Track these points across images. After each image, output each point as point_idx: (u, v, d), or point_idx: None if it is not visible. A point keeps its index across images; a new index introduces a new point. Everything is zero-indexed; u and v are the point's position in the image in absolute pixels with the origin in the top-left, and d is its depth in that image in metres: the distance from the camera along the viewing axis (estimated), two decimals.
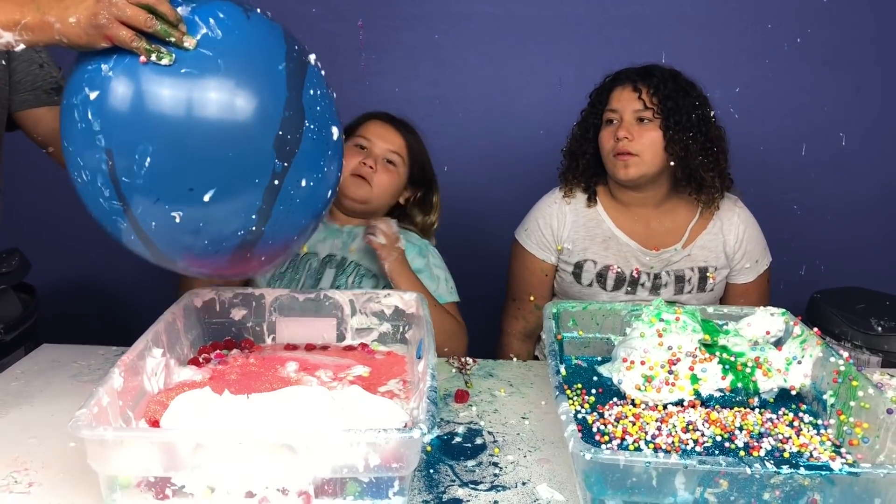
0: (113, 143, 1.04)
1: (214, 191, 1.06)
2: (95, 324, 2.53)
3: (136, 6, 1.03)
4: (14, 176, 1.61)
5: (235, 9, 1.11)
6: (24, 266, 2.27)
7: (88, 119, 1.05)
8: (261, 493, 0.99)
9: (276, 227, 1.15)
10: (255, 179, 1.08)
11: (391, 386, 1.35)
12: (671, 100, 1.81)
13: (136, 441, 0.97)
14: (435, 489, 1.13)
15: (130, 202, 1.07)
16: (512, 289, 2.04)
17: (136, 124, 1.03)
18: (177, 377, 1.31)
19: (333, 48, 2.56)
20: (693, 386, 1.28)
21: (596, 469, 0.95)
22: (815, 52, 2.54)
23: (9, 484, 1.11)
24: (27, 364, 1.55)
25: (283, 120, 1.08)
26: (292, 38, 1.17)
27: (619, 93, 1.87)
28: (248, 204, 1.10)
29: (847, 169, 2.62)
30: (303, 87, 1.12)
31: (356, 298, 1.54)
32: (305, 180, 1.14)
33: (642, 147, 1.81)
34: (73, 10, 1.03)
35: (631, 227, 1.93)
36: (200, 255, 1.14)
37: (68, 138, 1.09)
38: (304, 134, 1.12)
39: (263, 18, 1.14)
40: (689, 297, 1.90)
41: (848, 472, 0.92)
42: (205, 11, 1.08)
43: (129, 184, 1.05)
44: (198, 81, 1.04)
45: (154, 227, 1.09)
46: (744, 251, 1.94)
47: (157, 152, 1.03)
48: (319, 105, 1.15)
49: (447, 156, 2.62)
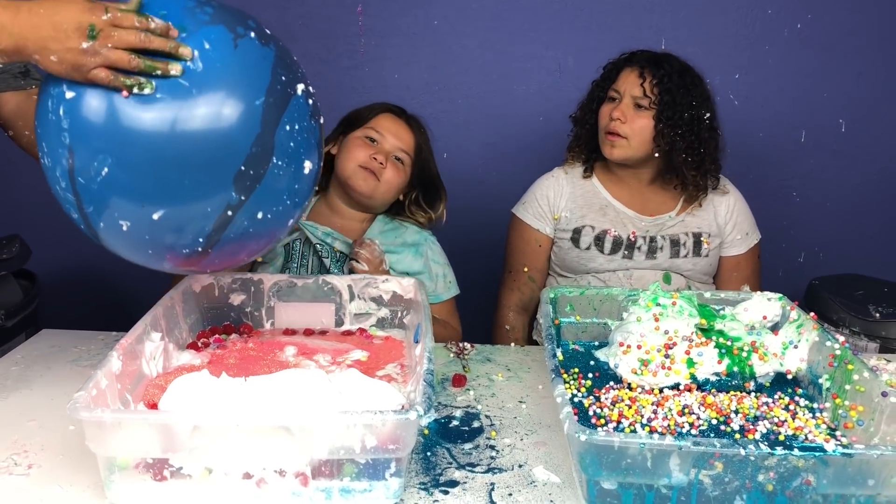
0: (76, 144, 1.05)
1: (164, 212, 1.07)
2: (96, 310, 2.53)
3: (121, 50, 1.02)
4: (14, 163, 1.61)
5: (226, 36, 1.08)
6: (24, 252, 2.27)
7: (59, 115, 1.06)
8: (258, 475, 1.00)
9: (223, 251, 1.15)
10: (208, 209, 1.08)
11: (389, 370, 1.36)
12: (670, 94, 1.84)
13: (133, 423, 0.98)
14: (432, 471, 1.14)
15: (83, 201, 1.08)
16: (508, 261, 2.08)
17: (100, 134, 1.04)
18: (175, 361, 1.32)
19: (333, 34, 2.55)
20: (689, 370, 1.28)
21: (591, 451, 0.96)
22: (815, 37, 2.53)
23: (8, 466, 1.12)
24: (27, 349, 1.56)
25: (249, 156, 1.07)
26: (283, 66, 1.13)
27: (626, 74, 1.91)
28: (196, 228, 1.10)
29: (847, 155, 2.62)
30: (278, 123, 1.10)
31: (354, 284, 1.55)
32: (263, 213, 1.13)
33: (632, 131, 1.87)
34: (55, 51, 1.01)
35: (627, 198, 1.98)
36: (143, 259, 1.15)
37: (39, 120, 1.10)
38: (269, 170, 1.10)
39: (255, 45, 1.11)
40: (685, 262, 1.94)
41: (841, 453, 0.93)
42: (192, 40, 1.06)
43: (85, 185, 1.06)
44: (167, 109, 1.03)
45: (102, 227, 1.10)
46: (734, 223, 1.99)
47: (115, 165, 1.04)
48: (294, 140, 1.12)
49: (446, 142, 2.63)
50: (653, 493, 0.98)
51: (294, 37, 2.55)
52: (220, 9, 1.12)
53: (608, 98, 1.93)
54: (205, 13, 1.09)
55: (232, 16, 1.12)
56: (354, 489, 1.02)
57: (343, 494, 1.02)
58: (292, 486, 1.01)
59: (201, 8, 1.10)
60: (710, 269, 1.99)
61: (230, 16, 1.12)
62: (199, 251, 1.13)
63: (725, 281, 2.02)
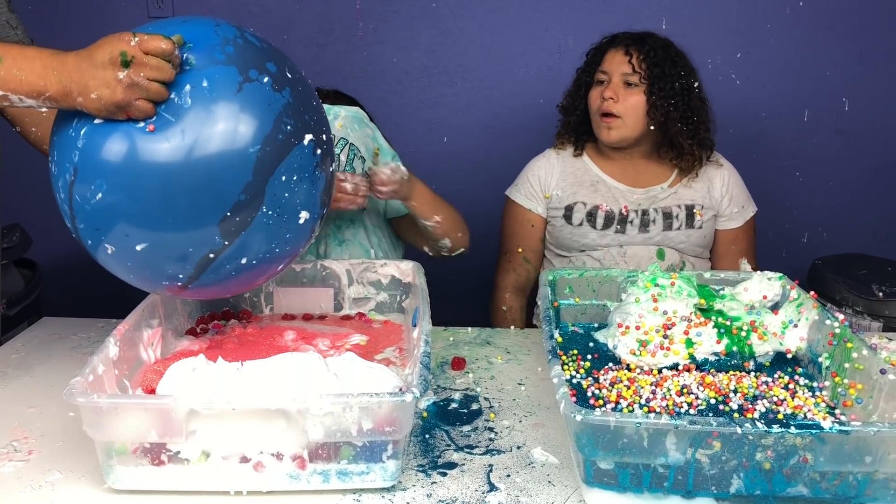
0: (81, 164, 1.05)
1: (147, 245, 1.06)
2: (98, 298, 2.53)
3: (157, 83, 1.02)
4: (14, 152, 1.61)
5: (231, 79, 1.05)
6: (25, 241, 2.28)
7: (79, 134, 1.06)
8: (255, 458, 1.00)
9: (204, 289, 1.16)
10: (190, 248, 1.07)
11: (388, 354, 1.36)
12: (658, 67, 1.88)
13: (130, 408, 0.98)
14: (430, 454, 1.14)
15: (76, 216, 1.09)
16: (503, 243, 2.10)
17: (101, 161, 1.04)
18: (174, 347, 1.32)
19: (330, 18, 2.54)
20: (688, 350, 1.28)
21: (587, 430, 0.96)
22: (817, 16, 2.50)
23: (8, 452, 1.12)
24: (28, 337, 1.56)
25: (236, 203, 1.05)
26: (292, 114, 1.10)
27: (612, 55, 1.93)
28: (177, 265, 1.09)
29: (850, 134, 2.60)
30: (273, 173, 1.07)
31: (353, 268, 1.55)
32: (247, 259, 1.11)
33: (625, 109, 1.89)
34: (95, 88, 1.01)
35: (618, 173, 1.99)
36: (126, 279, 1.15)
37: (57, 130, 1.10)
38: (258, 219, 1.07)
39: (263, 91, 1.07)
40: (678, 234, 1.94)
41: (839, 431, 0.92)
42: (191, 76, 1.04)
43: (80, 204, 1.07)
44: (157, 141, 1.03)
45: (90, 244, 1.11)
46: (730, 196, 2.00)
47: (108, 193, 1.04)
48: (290, 191, 1.09)
49: (446, 125, 2.62)
50: (650, 472, 0.97)
51: (291, 21, 2.54)
52: (246, 49, 1.10)
53: (596, 82, 1.95)
54: (224, 52, 1.07)
55: (253, 57, 1.09)
56: (351, 472, 1.02)
57: (340, 477, 1.02)
58: (289, 469, 1.01)
59: (224, 46, 1.08)
60: (704, 242, 1.99)
61: (251, 57, 1.09)
62: (179, 286, 1.13)
63: (723, 254, 2.03)
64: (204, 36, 1.08)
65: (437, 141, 1.95)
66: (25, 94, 1.05)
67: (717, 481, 0.97)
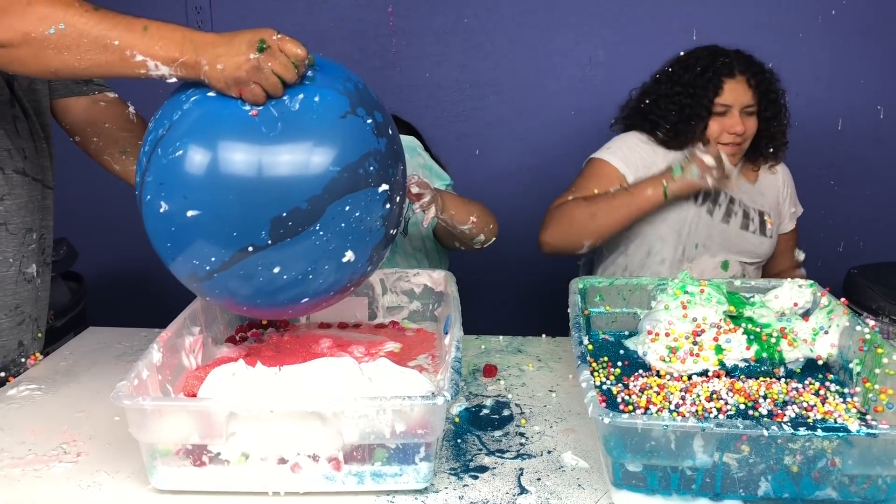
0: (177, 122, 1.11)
1: (198, 214, 1.09)
2: (141, 309, 2.60)
3: (277, 77, 1.08)
4: (61, 167, 1.67)
5: (341, 105, 1.11)
6: (71, 255, 2.35)
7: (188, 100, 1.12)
8: (293, 460, 1.03)
9: (226, 283, 1.15)
10: (234, 233, 1.09)
11: (420, 361, 1.39)
12: (773, 93, 1.92)
13: (172, 410, 1.02)
14: (462, 457, 1.17)
15: (149, 168, 1.12)
16: (571, 189, 1.95)
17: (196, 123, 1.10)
18: (214, 354, 1.36)
19: (364, 35, 2.59)
20: (717, 356, 1.28)
21: (615, 433, 0.98)
22: (850, 23, 2.50)
23: (59, 454, 1.17)
24: (74, 346, 1.62)
25: (295, 208, 1.07)
26: (379, 161, 1.13)
27: (733, 85, 1.87)
28: (215, 247, 1.10)
29: (886, 142, 2.58)
30: (340, 198, 1.09)
31: (387, 278, 1.58)
32: (280, 269, 1.11)
33: (747, 137, 1.91)
34: (224, 60, 1.08)
35: None
36: (160, 248, 1.17)
37: (171, 96, 1.16)
38: (307, 233, 1.09)
39: (362, 128, 1.13)
40: (752, 238, 1.96)
41: (866, 433, 0.93)
42: (309, 89, 1.11)
43: (159, 157, 1.10)
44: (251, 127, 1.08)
45: (148, 199, 1.13)
46: (787, 192, 2.06)
47: (188, 152, 1.08)
48: (347, 222, 1.11)
49: (479, 138, 2.65)
50: (678, 474, 0.99)
51: (326, 39, 2.60)
52: (363, 94, 1.16)
53: (715, 113, 1.88)
54: (343, 86, 1.14)
55: (366, 102, 1.15)
56: (385, 473, 1.05)
57: (374, 478, 1.05)
58: (325, 471, 1.04)
59: (345, 83, 1.14)
60: (771, 252, 2.03)
61: (365, 101, 1.15)
62: (207, 270, 1.13)
63: (781, 252, 2.08)
64: (333, 69, 1.16)
65: (470, 154, 1.98)
66: (163, 60, 1.10)
67: (745, 484, 0.98)
